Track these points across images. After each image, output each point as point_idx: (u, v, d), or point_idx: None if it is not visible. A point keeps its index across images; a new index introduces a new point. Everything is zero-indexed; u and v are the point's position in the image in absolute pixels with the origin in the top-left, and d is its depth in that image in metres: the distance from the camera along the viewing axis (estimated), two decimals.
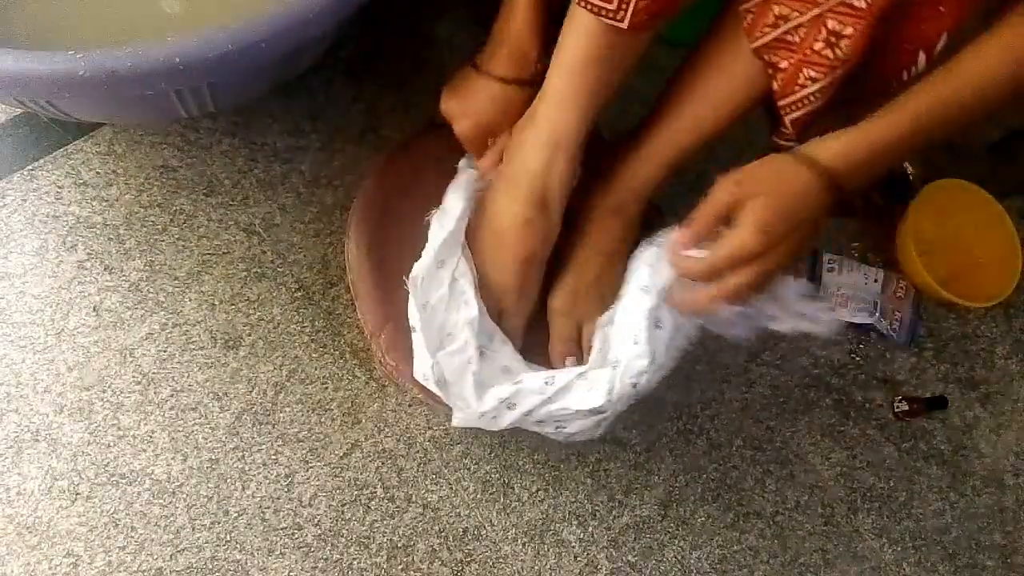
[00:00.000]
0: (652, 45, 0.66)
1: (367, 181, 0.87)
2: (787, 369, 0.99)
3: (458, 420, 0.75)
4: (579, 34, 0.62)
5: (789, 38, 0.56)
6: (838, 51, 0.54)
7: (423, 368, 0.74)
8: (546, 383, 0.73)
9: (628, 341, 0.71)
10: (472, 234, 0.78)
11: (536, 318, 0.82)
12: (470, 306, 0.74)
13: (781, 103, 0.59)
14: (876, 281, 1.03)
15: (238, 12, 0.63)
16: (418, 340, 0.74)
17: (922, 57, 0.56)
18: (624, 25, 0.58)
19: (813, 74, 0.56)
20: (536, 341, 0.82)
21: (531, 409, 0.73)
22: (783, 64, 0.57)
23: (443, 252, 0.75)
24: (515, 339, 0.78)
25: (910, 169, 1.04)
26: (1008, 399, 1.05)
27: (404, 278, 0.75)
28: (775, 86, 0.58)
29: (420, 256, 0.75)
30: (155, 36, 0.61)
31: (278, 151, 0.92)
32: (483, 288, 0.77)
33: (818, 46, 0.54)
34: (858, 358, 1.02)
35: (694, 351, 0.95)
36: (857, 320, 1.01)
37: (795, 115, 0.59)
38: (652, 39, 0.65)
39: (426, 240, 0.76)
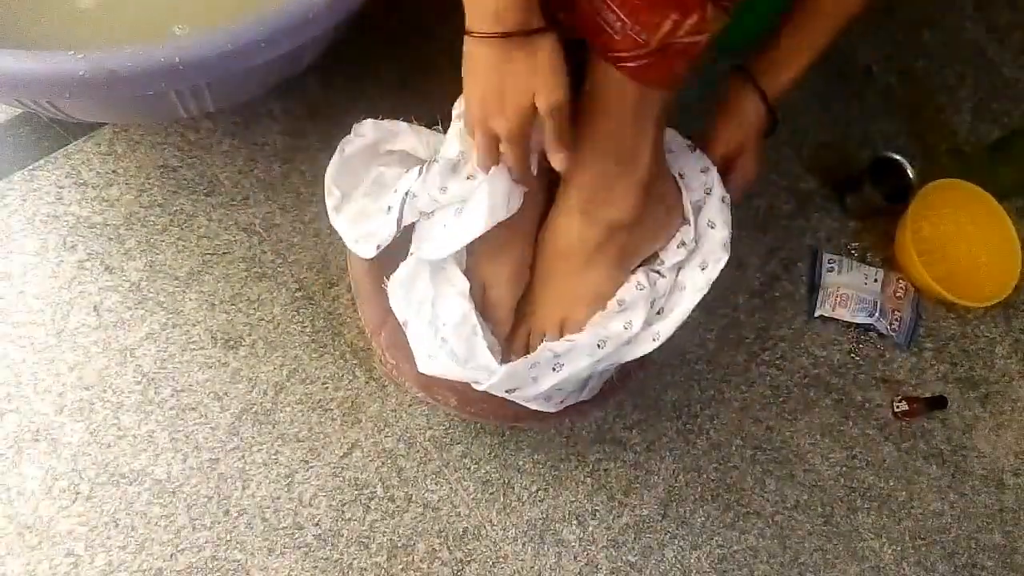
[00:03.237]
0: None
1: None
2: (787, 369, 0.99)
3: (486, 386, 0.70)
4: None
5: None
6: None
7: (425, 353, 0.71)
8: (598, 346, 0.71)
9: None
10: None
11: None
12: (462, 279, 0.72)
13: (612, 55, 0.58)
14: (876, 281, 1.03)
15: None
16: (413, 331, 0.72)
17: None
18: None
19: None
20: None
21: (579, 368, 0.71)
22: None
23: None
24: (499, 323, 0.75)
25: (910, 169, 1.04)
26: (1008, 399, 1.05)
27: (385, 279, 0.74)
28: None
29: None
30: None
31: (278, 151, 0.92)
32: (470, 256, 0.74)
33: None
34: (858, 358, 1.02)
35: (694, 351, 0.96)
36: (857, 320, 1.01)
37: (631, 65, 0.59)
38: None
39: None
